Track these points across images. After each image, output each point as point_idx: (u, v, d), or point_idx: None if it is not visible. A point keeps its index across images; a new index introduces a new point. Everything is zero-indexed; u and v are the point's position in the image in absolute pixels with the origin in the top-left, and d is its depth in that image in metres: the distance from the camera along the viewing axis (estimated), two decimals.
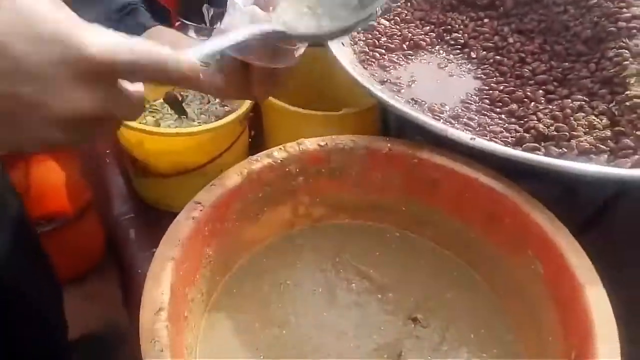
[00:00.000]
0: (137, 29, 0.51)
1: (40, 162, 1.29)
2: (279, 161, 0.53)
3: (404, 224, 0.60)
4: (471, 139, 0.47)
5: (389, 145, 0.55)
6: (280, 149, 0.53)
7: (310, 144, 0.54)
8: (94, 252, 1.23)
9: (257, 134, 0.88)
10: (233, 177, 0.50)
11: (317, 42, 0.47)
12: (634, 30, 0.58)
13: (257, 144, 0.83)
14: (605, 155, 0.50)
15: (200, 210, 0.46)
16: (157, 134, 0.72)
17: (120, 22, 0.51)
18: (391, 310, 0.53)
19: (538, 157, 0.45)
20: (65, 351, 1.03)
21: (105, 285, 1.24)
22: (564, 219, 0.48)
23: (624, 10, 0.61)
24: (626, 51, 0.57)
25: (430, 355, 0.49)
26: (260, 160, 0.52)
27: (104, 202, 0.88)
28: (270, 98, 0.77)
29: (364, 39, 0.67)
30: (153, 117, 0.83)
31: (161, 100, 0.84)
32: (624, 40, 0.58)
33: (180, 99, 0.82)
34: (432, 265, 0.57)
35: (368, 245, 0.59)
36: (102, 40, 0.28)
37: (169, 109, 0.83)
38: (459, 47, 0.68)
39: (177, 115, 0.82)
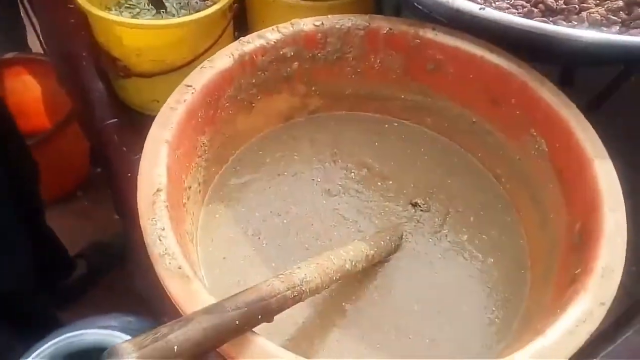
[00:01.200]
0: None
1: (16, 77, 1.22)
2: (272, 43, 0.49)
3: (403, 113, 0.57)
4: (480, 8, 0.44)
5: (389, 24, 0.51)
6: (273, 29, 0.49)
7: (305, 24, 0.50)
8: (81, 165, 1.20)
9: (241, 34, 0.82)
10: (224, 59, 0.47)
11: None
12: None
13: None
14: (617, 27, 0.48)
15: (192, 94, 0.43)
16: (137, 27, 0.67)
17: None
18: (391, 196, 0.52)
19: (555, 28, 0.42)
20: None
21: (97, 203, 1.23)
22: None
23: None
24: None
25: (431, 238, 0.49)
26: (252, 42, 0.48)
27: (84, 109, 0.84)
28: None
29: None
30: (130, 12, 0.77)
31: None
32: None
33: None
34: (431, 153, 0.56)
35: (366, 136, 0.57)
36: None
37: (147, 3, 0.77)
38: None
39: (155, 10, 0.76)
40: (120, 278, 1.11)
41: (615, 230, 0.38)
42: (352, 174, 0.53)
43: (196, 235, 0.46)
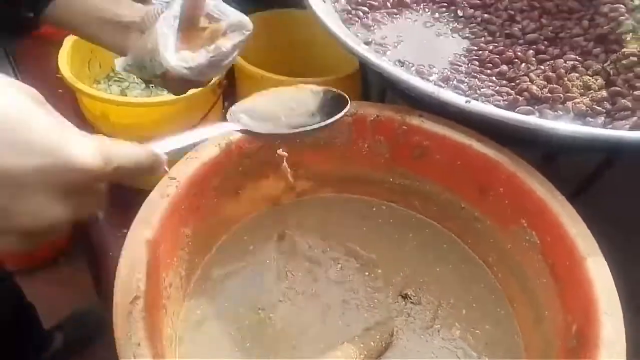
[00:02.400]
0: None
1: None
2: None
3: (391, 196, 0.57)
4: (466, 101, 0.44)
5: (376, 111, 0.51)
6: None
7: None
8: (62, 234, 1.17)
9: (230, 103, 0.83)
10: (211, 149, 0.46)
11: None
12: None
13: None
14: (602, 118, 0.48)
15: (176, 187, 0.42)
16: (124, 104, 0.67)
17: None
18: (380, 287, 0.50)
19: (544, 122, 0.43)
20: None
21: (78, 270, 1.19)
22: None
23: None
24: (622, 6, 0.54)
25: (423, 334, 0.47)
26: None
27: None
28: (244, 63, 0.73)
29: None
30: (119, 86, 0.77)
31: None
32: None
33: None
34: (420, 238, 0.54)
35: (354, 220, 0.56)
36: (87, 152, 0.25)
37: (136, 77, 0.77)
38: (445, 4, 0.64)
39: (144, 84, 0.76)
40: (102, 350, 1.05)
41: (613, 337, 0.36)
42: (340, 264, 0.52)
43: (176, 337, 0.43)
